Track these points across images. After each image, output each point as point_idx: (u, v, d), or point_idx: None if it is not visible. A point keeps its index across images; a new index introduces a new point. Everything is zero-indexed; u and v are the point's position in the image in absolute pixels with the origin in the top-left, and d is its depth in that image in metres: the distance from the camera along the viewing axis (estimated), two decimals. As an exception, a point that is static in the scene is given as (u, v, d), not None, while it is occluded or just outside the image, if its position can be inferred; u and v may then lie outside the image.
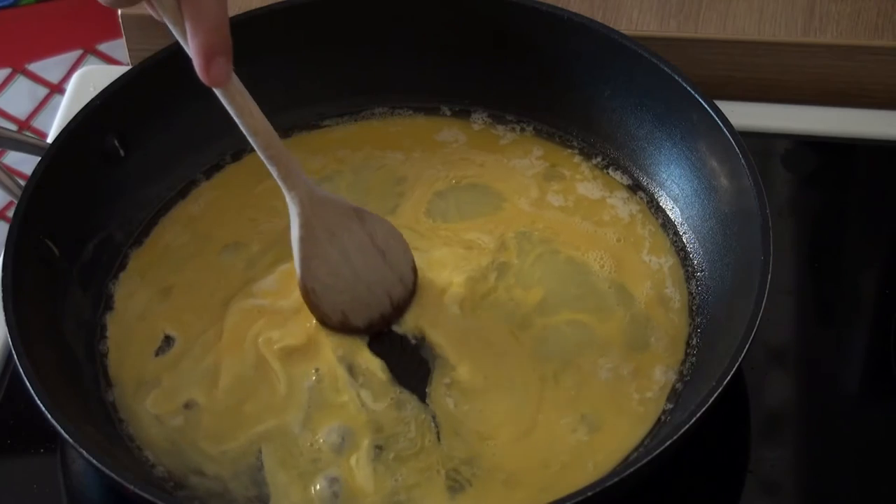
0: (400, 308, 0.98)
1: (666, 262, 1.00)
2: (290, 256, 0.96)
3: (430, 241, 1.01)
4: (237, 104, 0.88)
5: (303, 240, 0.93)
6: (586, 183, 1.05)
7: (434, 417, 0.93)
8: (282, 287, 0.98)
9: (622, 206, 1.04)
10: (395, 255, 0.97)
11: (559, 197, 1.04)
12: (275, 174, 0.91)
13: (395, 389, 0.94)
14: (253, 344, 0.96)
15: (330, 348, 0.95)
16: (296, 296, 0.96)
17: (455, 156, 1.07)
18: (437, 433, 0.92)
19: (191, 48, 0.85)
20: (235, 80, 0.88)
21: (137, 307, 0.99)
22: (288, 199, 0.93)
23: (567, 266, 1.00)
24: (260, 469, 0.91)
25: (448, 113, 1.09)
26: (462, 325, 0.97)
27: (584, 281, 1.00)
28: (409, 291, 0.98)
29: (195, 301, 0.99)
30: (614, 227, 1.02)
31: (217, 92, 0.88)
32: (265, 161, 0.91)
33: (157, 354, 0.97)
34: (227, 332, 0.97)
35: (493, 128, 1.08)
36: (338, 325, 0.96)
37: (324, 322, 0.96)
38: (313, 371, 0.94)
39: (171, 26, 0.86)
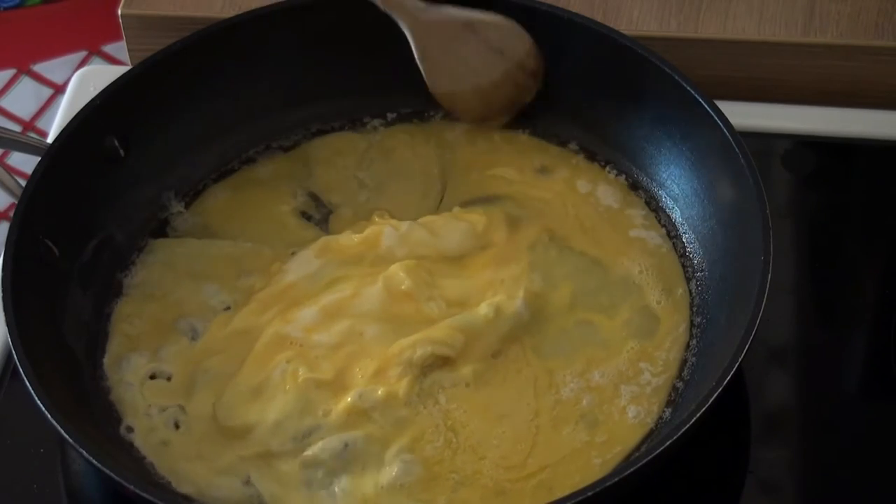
0: (529, 88, 1.06)
1: (665, 262, 1.00)
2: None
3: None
4: None
5: (421, 59, 1.03)
6: (588, 182, 1.05)
7: (444, 428, 0.93)
8: (322, 321, 0.96)
9: (622, 205, 1.04)
10: (512, 50, 1.04)
11: (563, 195, 1.04)
12: (379, 4, 1.02)
13: (407, 407, 0.93)
14: (274, 369, 0.94)
15: (356, 387, 0.93)
16: (335, 330, 0.95)
17: (459, 156, 1.07)
18: (447, 442, 0.92)
19: None
20: None
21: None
22: (400, 26, 1.03)
23: (579, 265, 1.00)
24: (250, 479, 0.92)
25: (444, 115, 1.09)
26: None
27: (590, 279, 1.00)
28: (534, 72, 1.05)
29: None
30: (616, 225, 1.02)
31: None
32: None
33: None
34: (253, 354, 0.96)
35: (492, 128, 1.08)
36: (479, 118, 1.07)
37: (465, 118, 1.07)
38: (324, 410, 0.93)
39: None
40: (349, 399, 0.92)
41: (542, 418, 0.93)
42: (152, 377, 0.96)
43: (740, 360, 0.86)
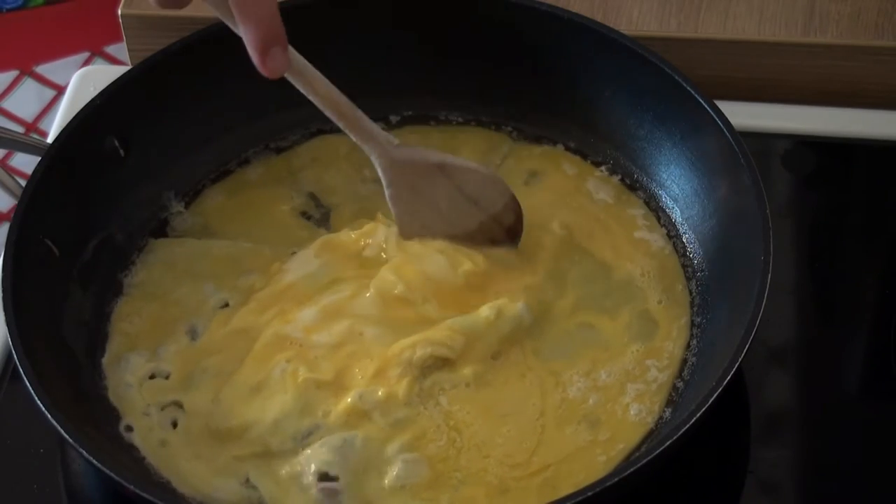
0: (507, 247, 0.99)
1: (666, 262, 1.00)
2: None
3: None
4: (301, 85, 0.92)
5: (392, 198, 0.97)
6: (588, 184, 1.05)
7: (446, 428, 0.93)
8: (322, 322, 0.96)
9: (624, 207, 1.04)
10: (488, 201, 0.98)
11: (564, 197, 1.04)
12: (353, 136, 0.95)
13: (407, 408, 0.93)
14: (274, 369, 0.94)
15: (356, 387, 0.93)
16: (334, 330, 0.95)
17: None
18: (451, 441, 0.92)
19: (245, 43, 0.87)
20: (294, 62, 0.90)
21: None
22: (372, 160, 0.96)
23: (581, 265, 1.00)
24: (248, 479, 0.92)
25: (446, 116, 1.09)
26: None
27: (594, 283, 1.00)
28: (511, 229, 0.99)
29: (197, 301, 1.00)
30: (618, 227, 1.03)
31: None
32: (343, 129, 0.95)
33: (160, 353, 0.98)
34: (253, 353, 0.95)
35: (493, 129, 1.08)
36: None
37: None
38: (324, 410, 0.93)
39: (225, 20, 0.88)
40: (349, 399, 0.92)
41: (547, 417, 0.93)
42: (151, 377, 0.96)
43: (740, 360, 0.86)
